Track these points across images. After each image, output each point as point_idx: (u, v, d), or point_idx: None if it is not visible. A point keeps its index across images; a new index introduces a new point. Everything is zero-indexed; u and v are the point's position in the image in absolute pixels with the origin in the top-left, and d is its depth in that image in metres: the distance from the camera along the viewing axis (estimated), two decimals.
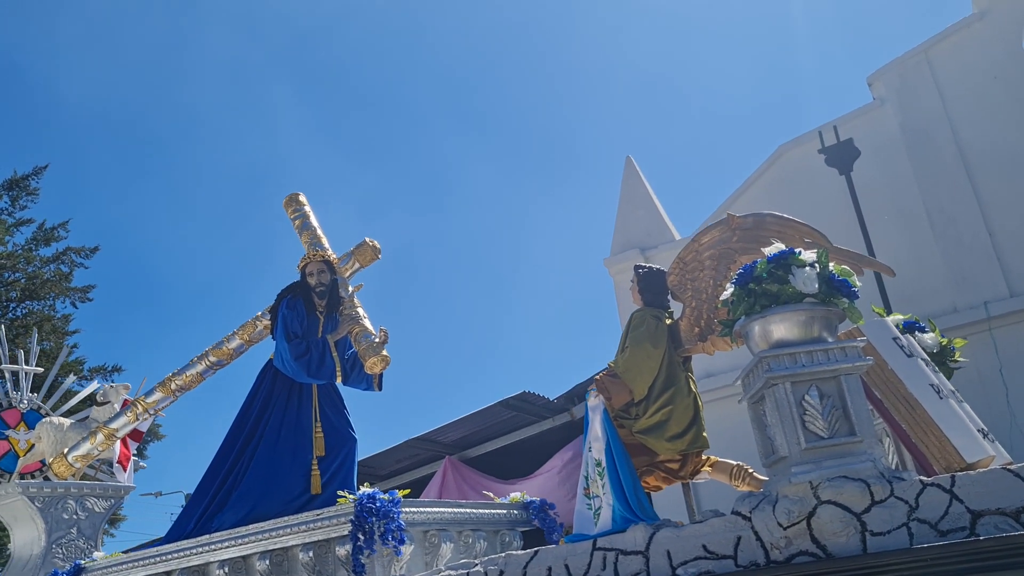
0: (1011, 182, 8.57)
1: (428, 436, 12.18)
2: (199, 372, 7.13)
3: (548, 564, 4.27)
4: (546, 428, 12.55)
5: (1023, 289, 8.15)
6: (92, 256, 22.33)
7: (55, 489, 8.11)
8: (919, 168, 8.90)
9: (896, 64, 9.45)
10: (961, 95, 9.02)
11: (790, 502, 3.57)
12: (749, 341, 3.98)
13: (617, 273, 10.68)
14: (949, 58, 9.19)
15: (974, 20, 9.14)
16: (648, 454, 4.93)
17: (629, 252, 10.56)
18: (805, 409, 3.69)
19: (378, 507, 5.16)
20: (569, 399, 12.48)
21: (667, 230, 10.69)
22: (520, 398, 11.84)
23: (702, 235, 4.92)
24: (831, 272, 3.81)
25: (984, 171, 8.73)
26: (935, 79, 9.17)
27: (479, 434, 12.65)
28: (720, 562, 3.75)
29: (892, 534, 3.41)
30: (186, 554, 6.03)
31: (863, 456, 3.60)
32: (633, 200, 10.97)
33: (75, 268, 22.23)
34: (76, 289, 22.08)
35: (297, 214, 7.45)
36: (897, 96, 9.33)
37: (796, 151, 9.66)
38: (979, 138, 8.82)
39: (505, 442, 12.83)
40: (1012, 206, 8.51)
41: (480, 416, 12.02)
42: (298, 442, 6.40)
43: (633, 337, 4.98)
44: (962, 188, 8.67)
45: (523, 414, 12.36)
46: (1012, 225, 8.44)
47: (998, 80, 8.86)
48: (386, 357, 6.47)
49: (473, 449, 12.98)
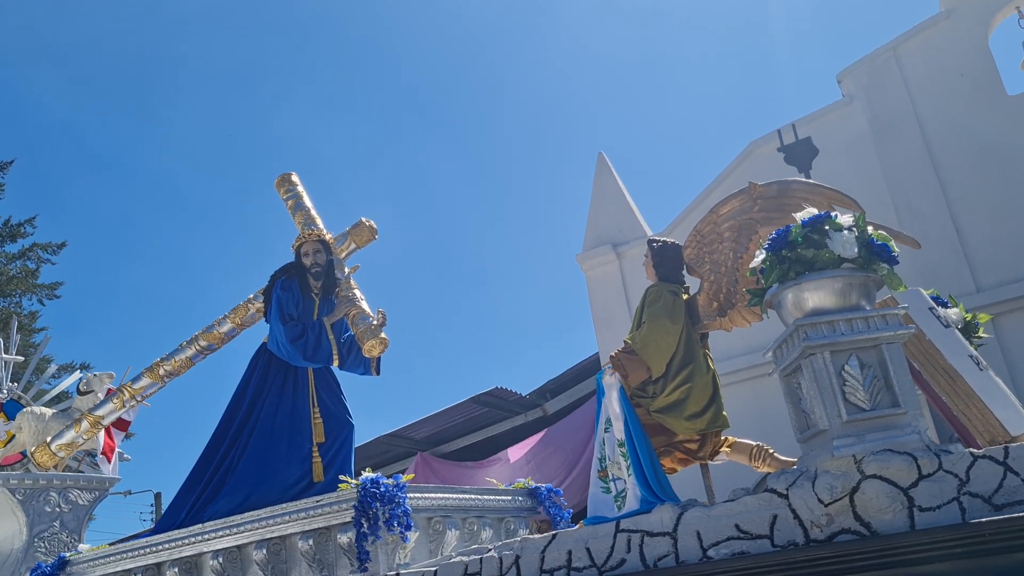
0: (978, 178, 8.65)
1: (400, 432, 12.06)
2: (188, 357, 6.86)
3: (568, 548, 4.05)
4: (518, 424, 12.49)
5: (990, 284, 8.18)
6: (59, 252, 21.93)
7: (37, 481, 7.82)
8: (887, 164, 8.99)
9: (865, 62, 9.56)
10: (929, 92, 9.13)
11: (832, 477, 3.36)
12: (781, 310, 3.78)
13: (589, 269, 10.66)
14: (917, 55, 9.31)
15: (941, 18, 9.27)
16: (666, 434, 4.73)
17: (601, 248, 10.57)
18: (845, 380, 3.49)
19: (382, 492, 4.92)
20: (541, 395, 12.40)
21: (639, 226, 10.67)
22: (492, 394, 11.75)
23: (720, 206, 4.72)
24: (870, 236, 3.62)
25: (951, 167, 8.82)
26: (903, 76, 9.29)
27: (451, 430, 12.57)
28: (755, 542, 3.54)
29: (942, 509, 3.22)
30: (178, 544, 5.77)
31: (908, 428, 3.40)
32: (605, 196, 10.98)
33: (42, 264, 21.83)
34: (43, 286, 21.69)
35: (290, 194, 7.19)
36: (866, 93, 9.45)
37: (765, 148, 9.75)
38: (946, 134, 8.92)
39: (477, 438, 12.76)
40: (979, 202, 8.59)
41: (452, 412, 11.92)
42: (295, 428, 6.16)
43: (650, 312, 4.77)
44: (929, 184, 8.73)
45: (495, 410, 12.29)
46: (979, 221, 8.49)
47: (965, 77, 8.99)
48: (384, 340, 6.23)
49: (445, 445, 12.90)
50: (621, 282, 10.41)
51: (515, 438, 12.12)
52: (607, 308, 10.40)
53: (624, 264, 10.44)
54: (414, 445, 12.74)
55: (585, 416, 11.17)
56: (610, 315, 10.34)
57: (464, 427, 12.66)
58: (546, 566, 4.08)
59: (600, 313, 10.43)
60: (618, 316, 10.25)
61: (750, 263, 4.56)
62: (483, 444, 12.64)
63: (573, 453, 10.84)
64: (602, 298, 10.45)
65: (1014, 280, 8.15)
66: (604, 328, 10.36)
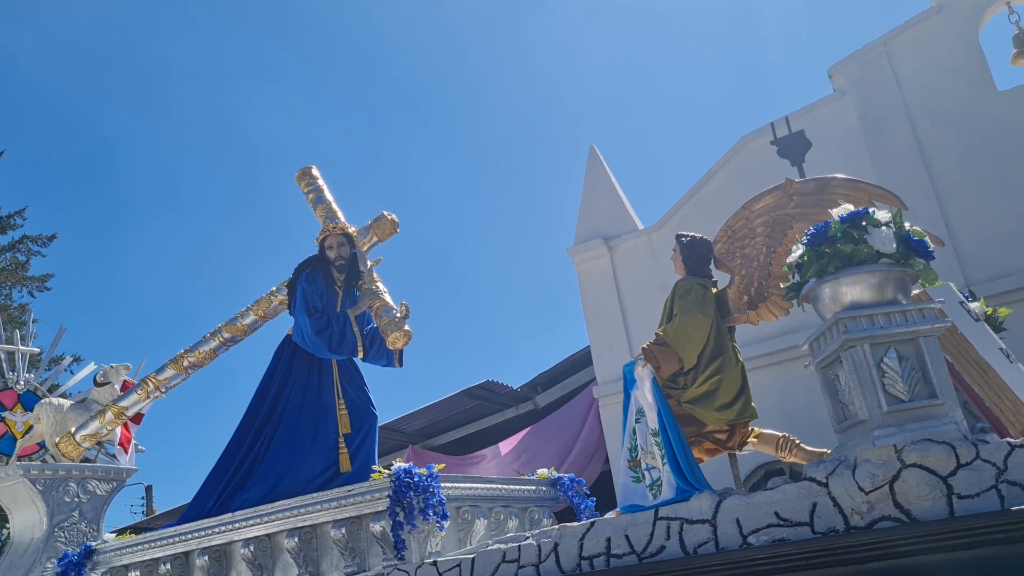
0: (967, 173, 8.71)
1: (391, 425, 12.11)
2: (212, 348, 6.93)
3: (607, 535, 4.15)
4: (510, 416, 12.57)
5: (979, 279, 8.25)
6: (50, 244, 21.86)
7: (56, 472, 7.88)
8: (877, 158, 9.04)
9: (856, 56, 9.61)
10: (919, 87, 9.19)
11: (873, 466, 3.47)
12: (818, 304, 3.88)
13: (581, 263, 10.69)
14: (908, 51, 9.35)
15: (932, 13, 9.32)
16: (696, 424, 4.82)
17: (592, 241, 10.59)
18: (884, 372, 3.59)
19: (416, 481, 5.01)
20: (532, 388, 12.49)
21: (630, 220, 10.71)
22: (483, 387, 11.82)
23: (754, 202, 4.81)
24: (907, 232, 3.72)
25: (941, 162, 8.88)
26: (894, 71, 9.33)
27: (442, 423, 12.63)
28: (795, 529, 3.65)
29: (981, 497, 3.33)
30: (207, 533, 5.84)
31: (945, 419, 3.51)
32: (597, 190, 11.00)
33: (32, 257, 21.77)
34: (33, 278, 21.63)
35: (310, 188, 7.26)
36: (856, 88, 9.49)
37: (757, 143, 9.77)
38: (937, 129, 8.98)
39: (469, 431, 12.83)
40: (968, 197, 8.65)
41: (443, 405, 11.98)
42: (320, 419, 6.24)
43: (682, 305, 4.86)
44: (919, 179, 8.77)
45: (487, 403, 12.36)
46: (968, 216, 8.55)
47: (955, 72, 9.04)
48: (408, 332, 6.30)
49: (437, 438, 12.95)
50: (612, 276, 10.46)
51: (506, 431, 12.18)
52: (598, 301, 10.44)
53: (615, 258, 10.49)
54: (406, 438, 12.80)
55: (576, 409, 11.29)
56: (601, 309, 10.39)
57: (456, 420, 12.72)
58: (585, 553, 4.18)
59: (591, 306, 10.47)
60: (609, 309, 10.33)
61: (782, 258, 4.67)
62: (474, 437, 12.71)
63: (564, 445, 10.95)
64: (593, 292, 10.50)
65: (1003, 275, 8.21)
66: (595, 321, 10.41)
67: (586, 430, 10.89)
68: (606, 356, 10.16)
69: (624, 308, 10.30)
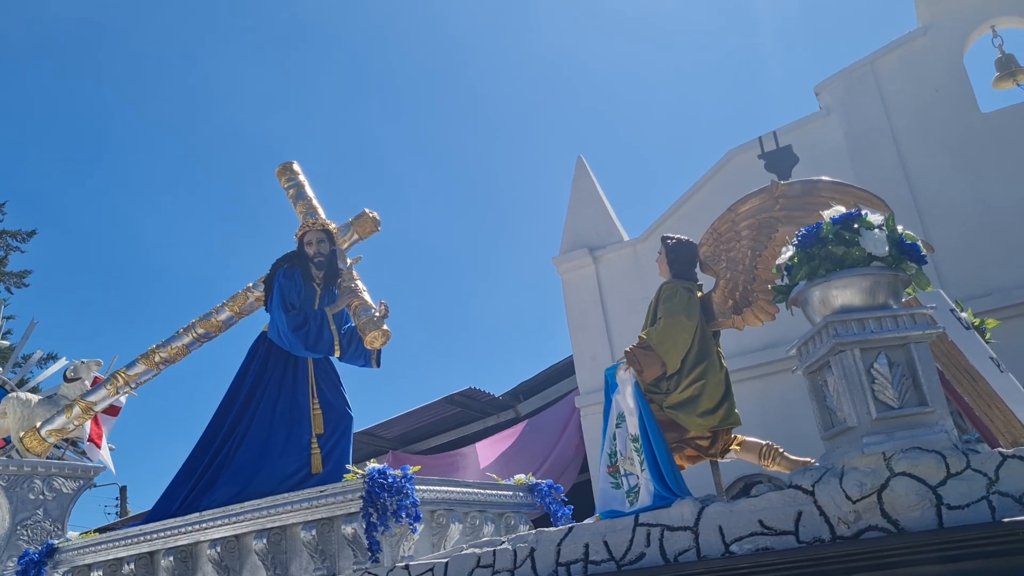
0: (949, 193, 8.76)
1: (371, 431, 12.02)
2: (185, 344, 6.77)
3: (585, 541, 4.03)
4: (491, 424, 12.50)
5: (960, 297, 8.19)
6: (29, 240, 21.61)
7: (21, 468, 7.65)
8: (861, 176, 9.05)
9: (843, 75, 9.69)
10: (904, 106, 9.25)
11: (861, 474, 3.36)
12: (807, 307, 3.78)
13: (565, 272, 10.69)
14: (894, 70, 9.43)
15: (918, 35, 9.41)
16: (678, 430, 4.71)
17: (577, 251, 10.60)
18: (874, 378, 3.49)
19: (390, 483, 4.87)
20: (514, 395, 12.43)
21: (616, 230, 10.72)
22: (465, 394, 11.77)
23: (739, 205, 4.72)
24: (900, 235, 3.63)
25: (924, 182, 8.93)
26: (880, 90, 9.41)
27: (423, 429, 12.58)
28: (779, 538, 3.54)
29: (971, 508, 3.22)
30: (173, 533, 5.68)
31: (936, 427, 3.41)
32: (583, 200, 11.02)
33: (10, 252, 21.53)
34: (11, 274, 21.39)
35: (291, 183, 7.12)
36: (842, 106, 9.56)
37: (744, 156, 9.81)
38: (920, 148, 9.05)
39: (450, 437, 12.78)
40: (949, 217, 8.70)
41: (424, 411, 11.92)
42: (294, 419, 6.09)
43: (666, 308, 4.75)
44: (902, 197, 8.78)
45: (468, 410, 12.31)
46: (950, 235, 8.57)
47: (940, 93, 9.12)
48: (387, 331, 6.17)
49: (417, 444, 12.86)
50: (597, 285, 10.45)
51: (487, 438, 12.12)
52: (582, 311, 10.43)
53: (600, 268, 10.48)
54: (386, 443, 12.70)
55: (556, 417, 11.20)
56: (585, 318, 10.37)
57: (436, 427, 12.66)
58: (562, 559, 4.05)
59: (575, 316, 10.45)
60: (593, 319, 10.28)
61: (768, 261, 4.57)
62: (455, 444, 12.63)
63: (542, 452, 10.86)
64: (578, 301, 10.48)
65: (983, 294, 8.23)
66: (579, 331, 10.39)
67: (564, 439, 10.79)
68: (589, 366, 10.08)
69: (608, 318, 10.25)
